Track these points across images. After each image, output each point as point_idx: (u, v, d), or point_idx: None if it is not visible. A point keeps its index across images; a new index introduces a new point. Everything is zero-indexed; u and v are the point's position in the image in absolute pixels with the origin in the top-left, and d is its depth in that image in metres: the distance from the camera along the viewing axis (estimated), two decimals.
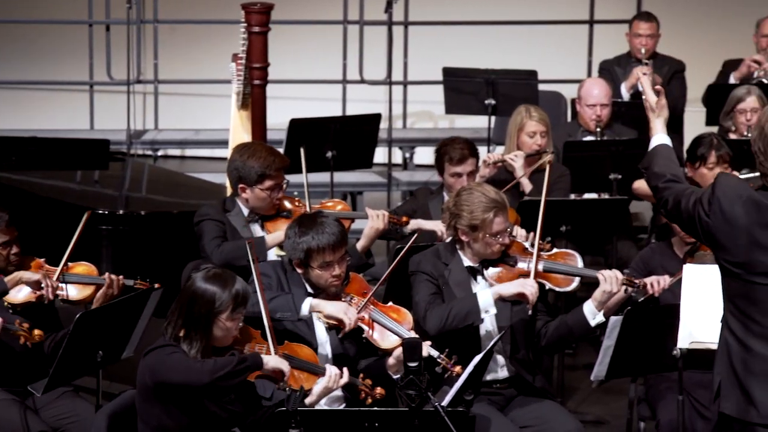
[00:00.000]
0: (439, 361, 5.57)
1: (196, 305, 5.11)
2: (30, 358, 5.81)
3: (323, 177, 8.50)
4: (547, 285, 5.99)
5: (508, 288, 5.84)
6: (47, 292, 5.97)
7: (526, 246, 6.06)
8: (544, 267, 6.00)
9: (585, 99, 8.49)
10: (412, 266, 5.99)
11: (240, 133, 7.74)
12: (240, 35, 7.70)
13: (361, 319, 5.73)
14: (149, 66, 11.14)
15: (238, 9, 7.75)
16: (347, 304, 5.73)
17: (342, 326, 5.68)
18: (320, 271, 5.72)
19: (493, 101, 9.20)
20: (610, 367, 5.75)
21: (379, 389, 5.51)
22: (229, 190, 6.93)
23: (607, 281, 5.82)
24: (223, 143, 9.12)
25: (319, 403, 5.44)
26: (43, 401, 5.90)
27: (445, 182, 7.32)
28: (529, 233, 6.45)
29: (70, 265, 6.22)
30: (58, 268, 6.16)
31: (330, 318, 5.70)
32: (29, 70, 11.68)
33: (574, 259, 6.07)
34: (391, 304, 5.85)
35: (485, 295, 5.80)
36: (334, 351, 5.74)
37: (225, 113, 8.05)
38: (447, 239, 6.14)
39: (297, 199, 6.83)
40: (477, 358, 5.37)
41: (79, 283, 6.16)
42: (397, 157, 11.00)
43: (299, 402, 4.69)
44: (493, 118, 9.39)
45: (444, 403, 4.92)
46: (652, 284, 6.11)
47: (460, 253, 5.99)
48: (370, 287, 5.89)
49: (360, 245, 6.62)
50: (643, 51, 9.44)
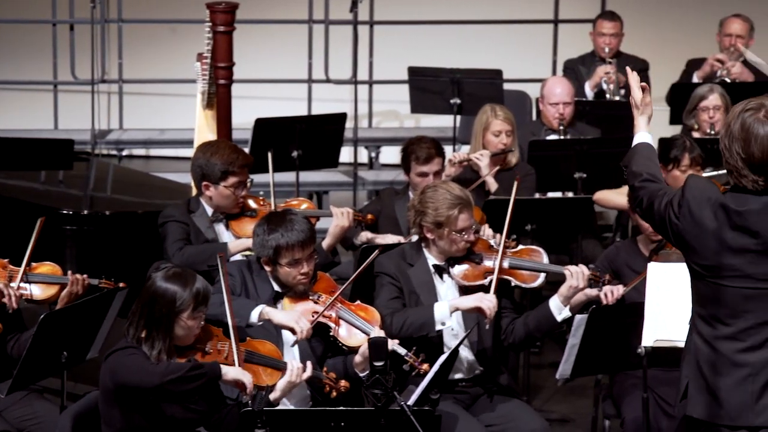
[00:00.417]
0: (407, 359, 5.57)
1: (156, 305, 5.09)
2: None
3: (289, 176, 8.48)
4: (513, 281, 6.01)
5: (466, 302, 5.84)
6: (9, 301, 5.88)
7: (492, 243, 6.07)
8: (510, 264, 6.02)
9: (548, 97, 8.50)
10: (376, 267, 5.99)
11: (205, 133, 7.71)
12: (205, 34, 7.67)
13: (329, 317, 5.72)
14: (114, 65, 11.08)
15: (203, 8, 7.72)
16: (300, 313, 5.68)
17: (294, 334, 5.65)
18: (289, 268, 5.71)
19: (458, 100, 9.20)
20: (575, 365, 5.77)
21: (343, 382, 5.50)
22: (195, 190, 6.90)
23: (574, 276, 5.84)
24: (188, 143, 9.05)
25: (286, 404, 5.43)
26: (7, 402, 5.85)
27: (412, 181, 7.32)
28: (496, 234, 6.45)
29: (34, 264, 6.16)
30: (21, 269, 6.11)
31: (281, 326, 5.67)
32: None
33: (540, 256, 6.09)
34: (359, 302, 5.85)
35: (442, 307, 5.81)
36: (301, 349, 5.72)
37: (190, 113, 8.00)
38: (413, 238, 6.14)
39: (262, 198, 6.82)
40: (443, 358, 5.37)
41: (43, 283, 6.11)
42: (363, 156, 11.00)
43: (265, 401, 4.68)
44: (458, 117, 9.38)
45: (410, 402, 4.92)
46: (606, 294, 6.04)
47: (426, 251, 5.99)
48: (337, 286, 5.87)
49: (326, 244, 6.62)
50: (606, 50, 9.47)
